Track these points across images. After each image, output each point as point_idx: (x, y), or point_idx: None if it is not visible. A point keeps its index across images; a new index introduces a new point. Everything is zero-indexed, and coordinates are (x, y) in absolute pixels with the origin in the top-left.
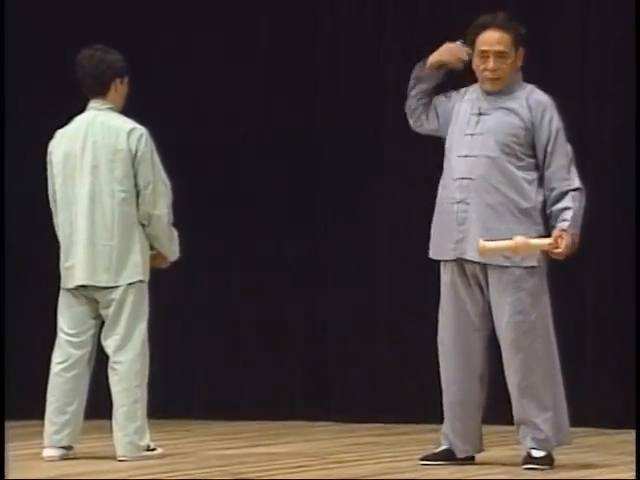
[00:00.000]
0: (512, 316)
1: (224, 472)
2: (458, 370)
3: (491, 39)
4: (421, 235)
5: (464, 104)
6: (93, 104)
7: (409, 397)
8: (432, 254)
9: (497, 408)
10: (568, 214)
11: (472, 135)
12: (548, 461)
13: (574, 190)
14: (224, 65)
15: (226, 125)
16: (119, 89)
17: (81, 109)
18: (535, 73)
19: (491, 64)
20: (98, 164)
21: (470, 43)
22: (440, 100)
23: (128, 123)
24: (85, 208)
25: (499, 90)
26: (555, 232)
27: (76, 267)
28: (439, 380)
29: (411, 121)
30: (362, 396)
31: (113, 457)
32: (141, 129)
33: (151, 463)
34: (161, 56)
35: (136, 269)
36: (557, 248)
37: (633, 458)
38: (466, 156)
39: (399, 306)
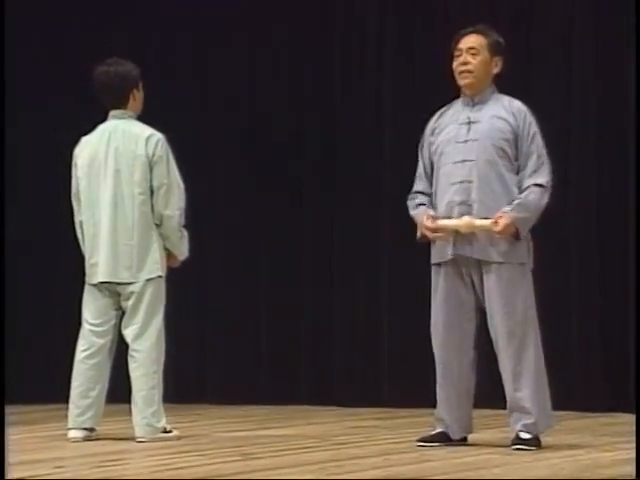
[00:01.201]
0: (507, 306)
1: (235, 452)
2: (452, 358)
3: (466, 40)
4: None
5: (447, 118)
6: (114, 113)
7: (408, 383)
8: (435, 259)
9: (489, 393)
10: (515, 201)
11: (465, 142)
12: (535, 443)
13: (534, 185)
14: (238, 63)
15: (224, 127)
16: (137, 97)
17: (80, 110)
18: (522, 76)
19: (461, 59)
20: (120, 169)
21: (451, 52)
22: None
23: (146, 130)
24: (108, 210)
25: (474, 90)
26: (497, 214)
27: (99, 265)
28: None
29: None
30: (364, 382)
31: (132, 438)
32: (158, 135)
33: (167, 444)
34: (178, 56)
35: (155, 265)
36: (497, 227)
37: (616, 439)
38: (463, 161)
39: (399, 298)
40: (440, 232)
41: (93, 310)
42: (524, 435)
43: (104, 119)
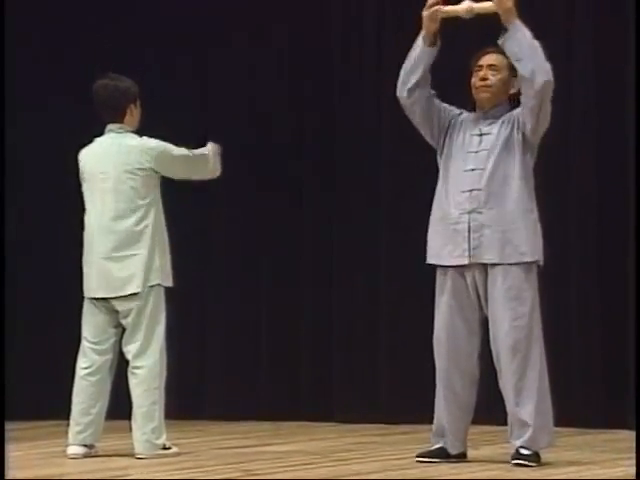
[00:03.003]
0: (513, 321)
1: (235, 469)
2: (455, 371)
3: (487, 57)
4: (420, 236)
5: (462, 124)
6: (111, 127)
7: (408, 399)
8: (434, 260)
9: (489, 409)
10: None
11: (476, 152)
12: (536, 459)
13: None
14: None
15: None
16: (134, 112)
17: (80, 110)
18: None
19: (481, 74)
20: (120, 182)
21: (470, 70)
22: (444, 107)
23: (144, 142)
24: (108, 222)
25: (489, 105)
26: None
27: (93, 280)
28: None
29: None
30: (364, 399)
31: (132, 455)
32: (153, 141)
33: (167, 460)
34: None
35: (155, 273)
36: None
37: (616, 456)
38: (473, 169)
39: (399, 311)
40: (440, 14)
41: (91, 328)
42: (524, 451)
43: (102, 127)
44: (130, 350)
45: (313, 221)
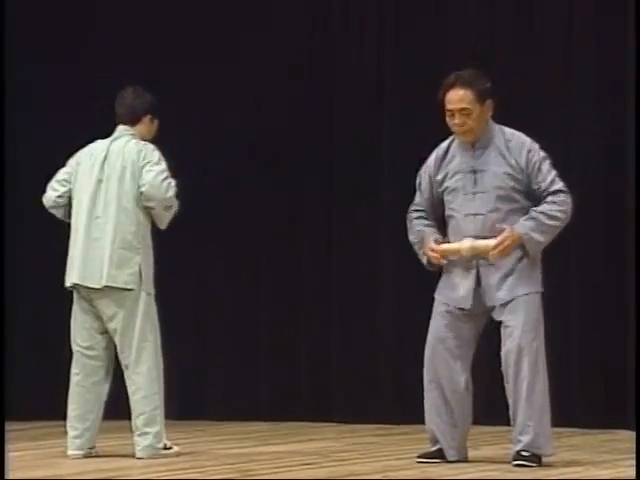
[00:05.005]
0: (523, 328)
1: (235, 469)
2: (449, 382)
3: (454, 97)
4: None
5: (450, 162)
6: (120, 129)
7: (407, 400)
8: (443, 298)
9: (490, 410)
10: (531, 215)
11: (474, 194)
12: (536, 460)
13: (553, 193)
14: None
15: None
16: (148, 125)
17: (81, 110)
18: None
19: (456, 120)
20: (110, 180)
21: (440, 101)
22: (432, 183)
23: (142, 145)
24: (95, 224)
25: (474, 140)
26: (504, 233)
27: (75, 269)
28: None
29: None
30: (363, 399)
31: (132, 455)
32: (151, 145)
33: (167, 461)
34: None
35: (134, 277)
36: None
37: (617, 456)
38: (475, 215)
39: (398, 311)
40: (443, 256)
41: (79, 331)
42: (525, 453)
43: (105, 125)
44: (125, 358)
45: (313, 220)
